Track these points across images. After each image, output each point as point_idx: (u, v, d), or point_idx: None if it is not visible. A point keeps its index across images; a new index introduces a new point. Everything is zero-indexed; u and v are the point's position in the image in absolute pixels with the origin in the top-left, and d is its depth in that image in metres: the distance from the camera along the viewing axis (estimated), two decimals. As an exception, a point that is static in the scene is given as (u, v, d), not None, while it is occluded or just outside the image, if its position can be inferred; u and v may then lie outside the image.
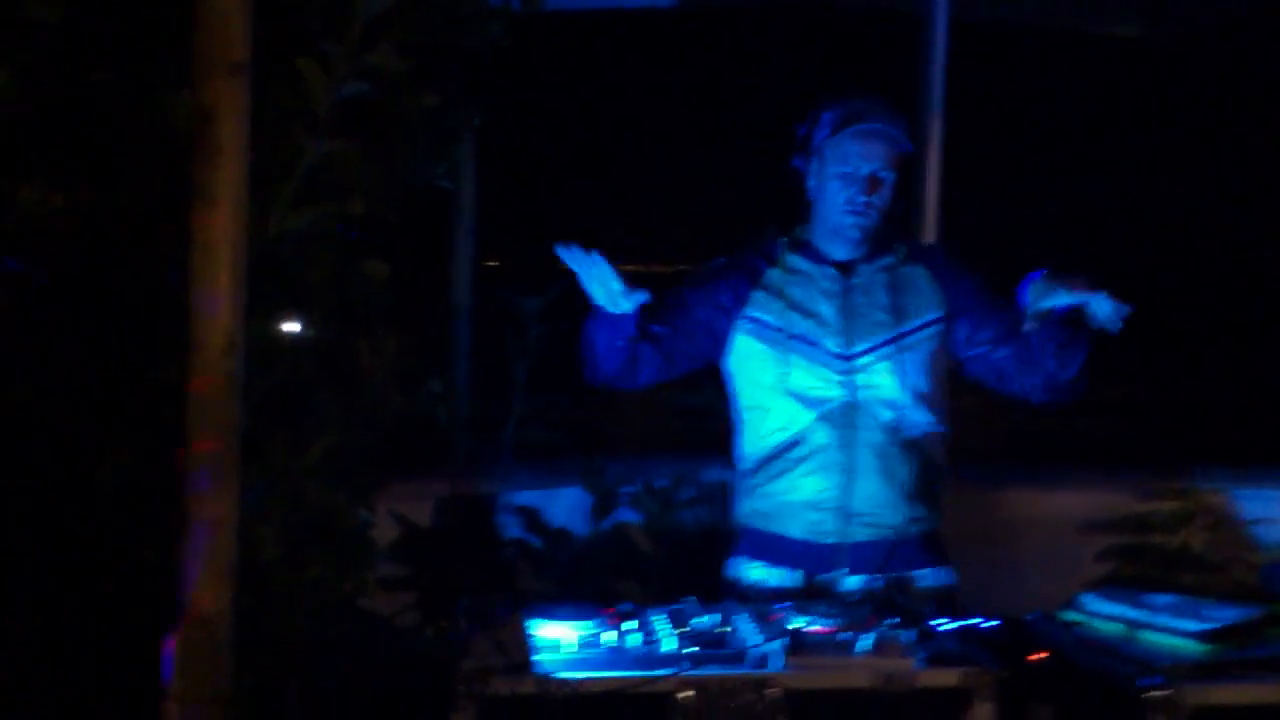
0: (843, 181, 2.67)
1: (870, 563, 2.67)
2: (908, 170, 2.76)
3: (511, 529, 4.00)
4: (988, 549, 3.82)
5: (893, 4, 3.97)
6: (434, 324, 4.00)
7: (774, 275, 2.75)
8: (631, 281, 2.57)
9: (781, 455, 2.71)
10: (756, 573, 2.74)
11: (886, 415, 2.67)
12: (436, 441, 3.96)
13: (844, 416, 2.66)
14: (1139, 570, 3.65)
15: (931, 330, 2.71)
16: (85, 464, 1.87)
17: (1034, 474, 4.09)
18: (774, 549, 2.73)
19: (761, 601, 2.51)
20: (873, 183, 2.66)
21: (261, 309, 1.88)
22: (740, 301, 2.74)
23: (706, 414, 4.59)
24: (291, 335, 1.96)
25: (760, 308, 2.73)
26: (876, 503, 2.66)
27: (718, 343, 2.77)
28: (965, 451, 2.94)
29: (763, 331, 2.72)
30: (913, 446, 2.69)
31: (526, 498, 4.01)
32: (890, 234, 2.76)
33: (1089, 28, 4.34)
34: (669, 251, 2.95)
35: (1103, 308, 2.50)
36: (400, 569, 3.63)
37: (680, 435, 4.51)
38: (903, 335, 2.69)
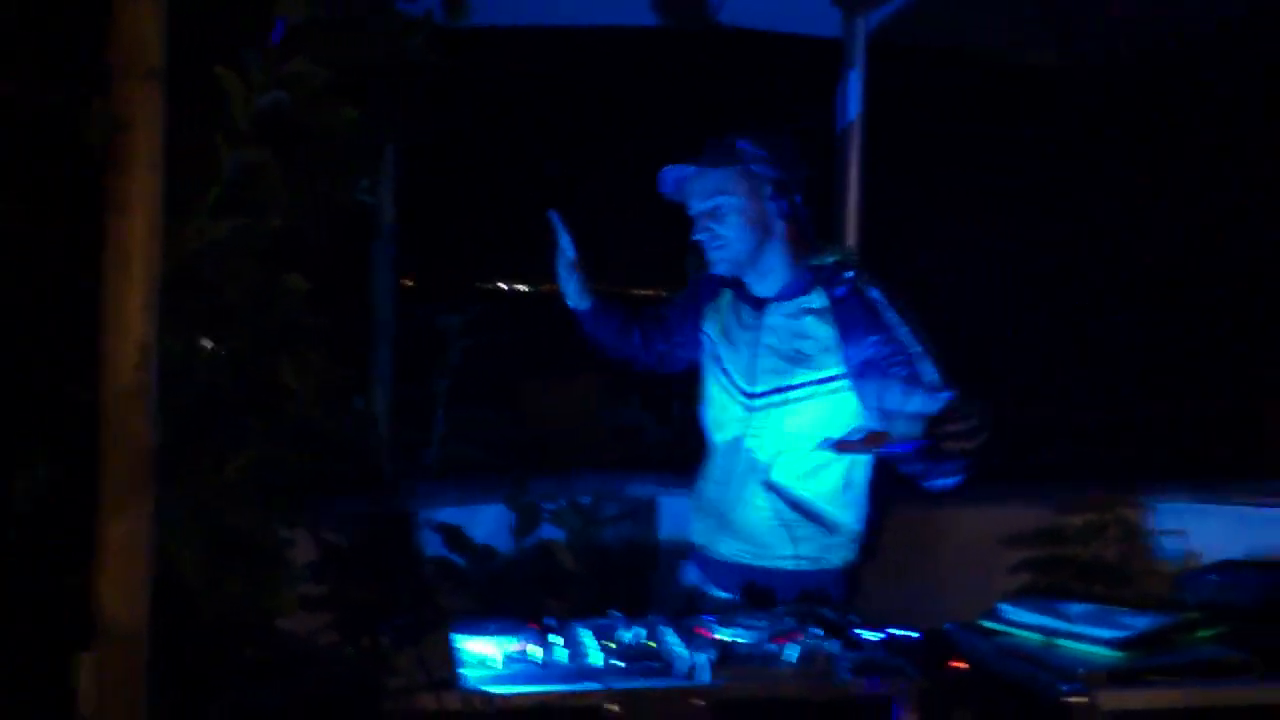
0: (694, 224, 2.74)
1: (750, 582, 2.72)
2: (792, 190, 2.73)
3: (433, 547, 3.97)
4: (903, 564, 3.86)
5: (812, 29, 4.01)
6: (356, 341, 3.96)
7: (725, 296, 2.83)
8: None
9: (705, 472, 2.83)
10: (693, 579, 2.86)
11: (778, 456, 2.66)
12: (357, 460, 3.92)
13: (740, 450, 2.71)
14: (1053, 581, 3.71)
15: (830, 384, 2.62)
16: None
17: (951, 491, 4.14)
18: (697, 558, 2.86)
19: (691, 613, 2.53)
20: (709, 218, 2.69)
21: (178, 323, 1.84)
22: (702, 317, 2.85)
23: (636, 430, 4.62)
24: (210, 350, 1.92)
25: (710, 324, 2.83)
26: (763, 529, 2.69)
27: (695, 348, 2.89)
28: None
29: (705, 348, 2.83)
30: (805, 484, 2.66)
31: (448, 515, 3.98)
32: (817, 273, 2.68)
33: (1008, 56, 4.43)
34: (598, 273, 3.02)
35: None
36: (320, 588, 3.58)
37: (609, 451, 4.53)
38: (800, 385, 2.64)
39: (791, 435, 2.65)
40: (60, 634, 1.84)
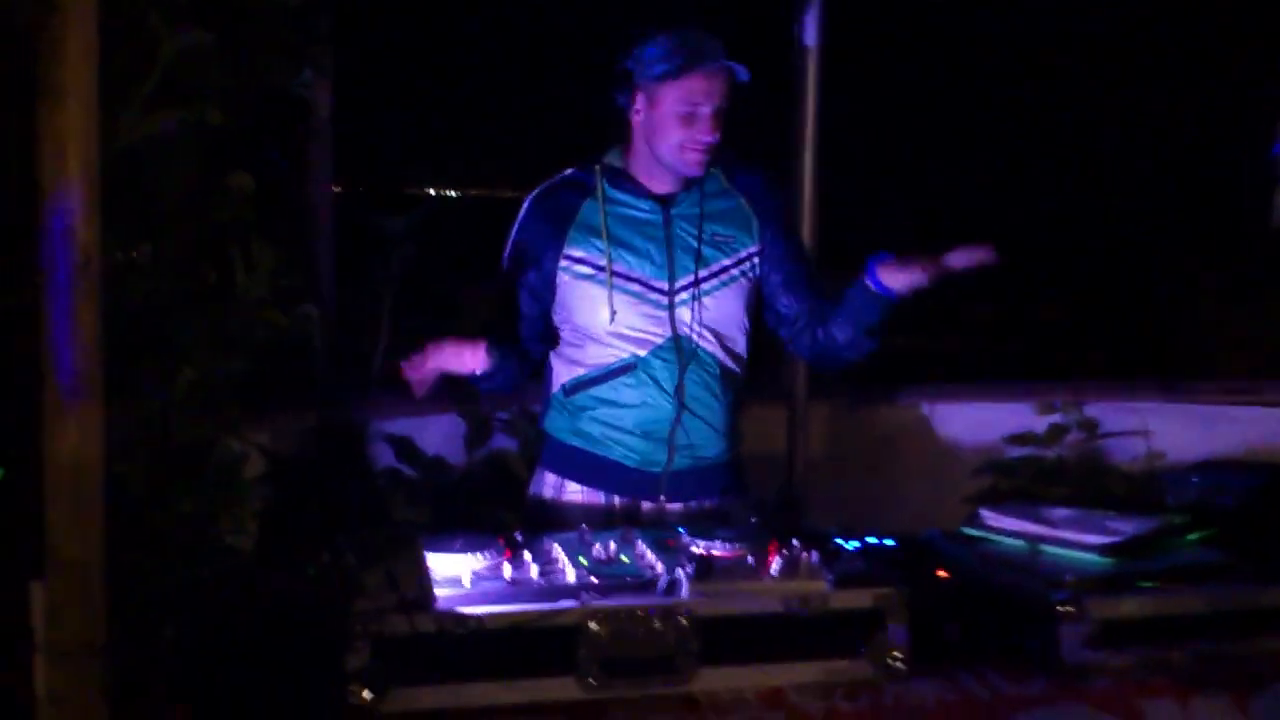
0: (683, 120, 2.56)
1: (685, 490, 2.67)
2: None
3: (384, 459, 3.85)
4: (859, 465, 3.83)
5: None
6: (299, 244, 3.80)
7: (590, 209, 2.65)
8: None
9: (607, 381, 2.64)
10: (572, 493, 2.70)
11: (710, 348, 2.64)
12: (299, 372, 3.77)
13: (670, 352, 2.62)
14: (1015, 484, 3.69)
15: (747, 264, 2.67)
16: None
17: (906, 393, 4.10)
18: (592, 471, 2.68)
19: (658, 525, 2.45)
20: (716, 120, 2.57)
21: (116, 224, 1.69)
22: (558, 240, 2.63)
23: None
24: (150, 254, 1.77)
25: (579, 245, 2.63)
26: (700, 435, 2.65)
27: (546, 285, 2.66)
28: (839, 372, 2.92)
29: (582, 269, 2.62)
30: (731, 378, 2.68)
31: (399, 426, 3.87)
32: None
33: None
34: (525, 177, 2.83)
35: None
36: (270, 504, 3.46)
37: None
38: (724, 268, 2.65)
39: (727, 319, 2.64)
40: (11, 561, 1.72)
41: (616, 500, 2.67)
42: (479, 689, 1.95)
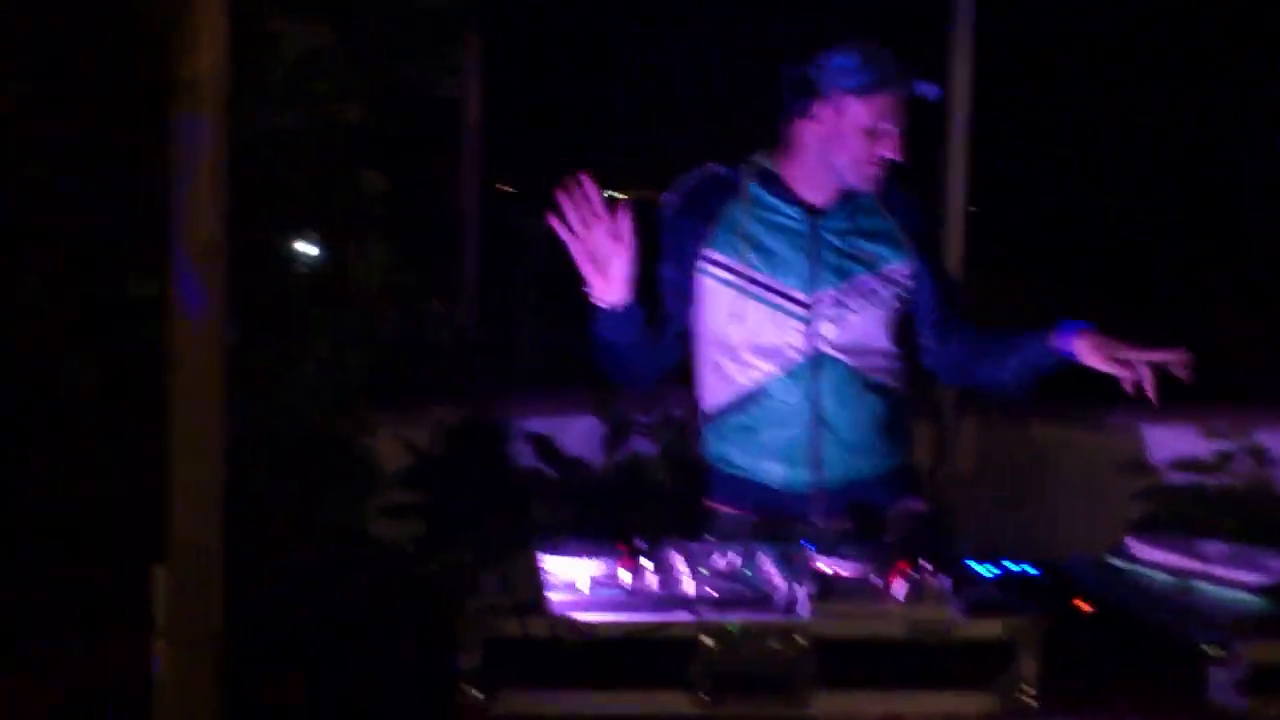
0: (868, 135, 2.53)
1: (838, 507, 2.59)
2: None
3: (524, 458, 3.87)
4: (1015, 488, 3.70)
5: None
6: (438, 244, 3.84)
7: (734, 210, 2.59)
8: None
9: (744, 407, 2.59)
10: (727, 515, 2.65)
11: (851, 365, 2.57)
12: (443, 367, 3.82)
13: (807, 366, 2.55)
14: (1177, 512, 3.50)
15: (895, 283, 2.61)
16: (62, 378, 1.72)
17: (1070, 410, 3.95)
18: (742, 494, 2.64)
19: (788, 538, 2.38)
20: (890, 143, 2.54)
21: (244, 216, 1.72)
22: (700, 238, 2.58)
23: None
24: (279, 246, 1.79)
25: (719, 246, 2.57)
26: (843, 453, 2.58)
27: (688, 279, 2.61)
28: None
29: (722, 273, 2.57)
30: (875, 395, 2.60)
31: (538, 426, 3.88)
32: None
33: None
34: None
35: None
36: (407, 497, 3.50)
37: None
38: (868, 282, 2.58)
39: (869, 333, 2.58)
40: (135, 547, 1.76)
41: (771, 521, 2.60)
42: (589, 697, 1.92)
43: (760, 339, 2.55)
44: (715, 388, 2.62)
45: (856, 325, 2.56)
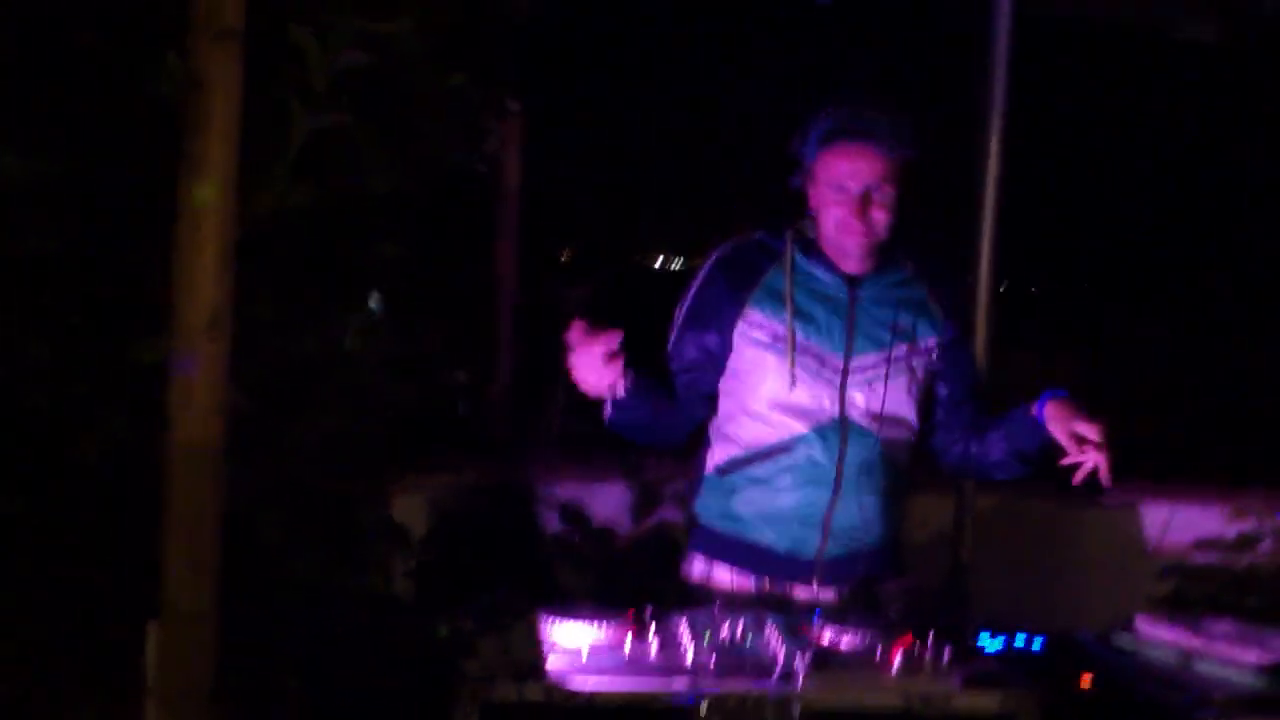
0: (835, 200, 2.50)
1: (839, 575, 2.57)
2: (928, 175, 2.59)
3: (552, 524, 3.90)
4: (1040, 563, 3.67)
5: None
6: (467, 311, 3.90)
7: (777, 276, 2.57)
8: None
9: (763, 463, 2.56)
10: (721, 576, 2.62)
11: (876, 432, 2.54)
12: (470, 434, 3.88)
13: (834, 432, 2.53)
14: (1202, 591, 3.47)
15: (926, 354, 2.60)
16: (65, 445, 1.78)
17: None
18: (743, 555, 2.60)
19: (788, 612, 2.39)
20: (863, 201, 2.48)
21: (252, 288, 1.78)
22: (741, 299, 2.57)
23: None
24: (284, 317, 1.85)
25: (760, 307, 2.56)
26: (856, 520, 2.55)
27: (723, 342, 2.59)
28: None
29: (758, 333, 2.55)
30: (892, 464, 2.59)
31: (568, 491, 3.91)
32: (902, 246, 2.60)
33: (1164, 28, 4.15)
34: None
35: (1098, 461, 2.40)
36: (433, 559, 3.54)
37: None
38: (902, 354, 2.56)
39: (897, 405, 2.56)
40: (133, 599, 1.80)
41: (767, 583, 2.59)
42: (584, 763, 1.94)
43: (792, 399, 2.53)
44: (734, 439, 2.60)
45: (887, 395, 2.55)
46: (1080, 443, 2.40)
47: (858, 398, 2.53)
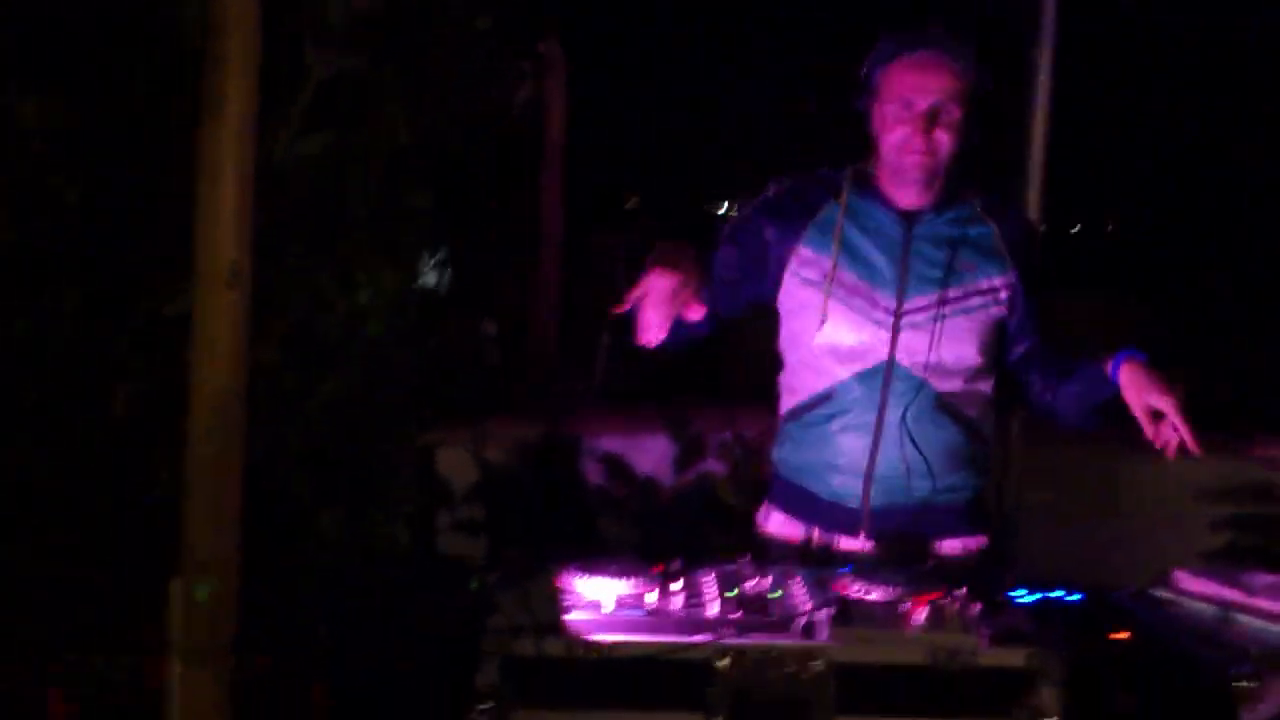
0: (898, 118, 2.40)
1: (887, 528, 2.48)
2: (994, 110, 2.50)
3: (595, 476, 3.90)
4: (1085, 513, 3.61)
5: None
6: (509, 262, 3.89)
7: (832, 211, 2.49)
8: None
9: (813, 409, 2.50)
10: (776, 524, 2.58)
11: (932, 380, 2.44)
12: (514, 382, 3.88)
13: (880, 376, 2.44)
14: (1256, 543, 3.39)
15: (990, 295, 2.47)
16: (93, 392, 1.79)
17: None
18: (797, 502, 2.55)
19: (817, 564, 2.35)
20: (929, 118, 2.38)
21: (272, 240, 1.77)
22: (793, 235, 2.48)
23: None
24: (305, 270, 1.85)
25: (812, 244, 2.48)
26: (902, 470, 2.46)
27: (769, 280, 2.52)
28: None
29: (808, 272, 2.47)
30: (953, 415, 2.47)
31: (612, 444, 3.91)
32: (967, 183, 2.50)
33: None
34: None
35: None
36: (477, 512, 3.56)
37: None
38: (959, 296, 2.45)
39: (953, 349, 2.45)
40: (153, 559, 1.82)
41: (816, 533, 2.54)
42: (604, 717, 1.93)
43: (840, 341, 2.45)
44: (793, 388, 2.55)
45: (944, 340, 2.44)
46: (1156, 418, 2.30)
47: (911, 341, 2.44)
